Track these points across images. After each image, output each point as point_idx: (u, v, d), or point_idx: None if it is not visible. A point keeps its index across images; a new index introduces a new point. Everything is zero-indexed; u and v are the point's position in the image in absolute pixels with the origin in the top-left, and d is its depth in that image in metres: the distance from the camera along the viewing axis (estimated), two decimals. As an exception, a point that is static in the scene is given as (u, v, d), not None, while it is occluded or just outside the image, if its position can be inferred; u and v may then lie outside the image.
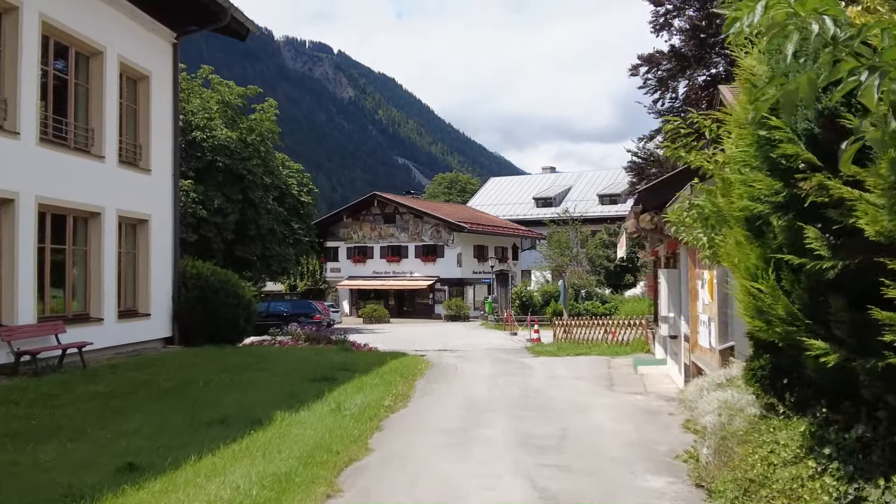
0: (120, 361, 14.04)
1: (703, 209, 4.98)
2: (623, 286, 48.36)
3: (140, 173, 16.14)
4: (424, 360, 17.14)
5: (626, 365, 16.00)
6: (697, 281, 10.68)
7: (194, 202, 28.21)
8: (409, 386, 12.57)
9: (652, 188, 11.30)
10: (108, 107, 14.82)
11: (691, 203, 5.24)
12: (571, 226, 48.23)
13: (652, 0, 39.09)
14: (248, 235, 31.39)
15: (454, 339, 28.18)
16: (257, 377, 12.47)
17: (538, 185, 67.34)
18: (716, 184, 4.85)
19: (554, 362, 17.06)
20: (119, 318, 15.23)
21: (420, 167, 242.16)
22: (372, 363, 15.09)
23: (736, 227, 3.81)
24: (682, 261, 11.84)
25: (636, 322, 19.90)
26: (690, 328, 11.02)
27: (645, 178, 42.04)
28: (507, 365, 16.65)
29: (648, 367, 14.57)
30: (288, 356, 15.74)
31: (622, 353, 18.55)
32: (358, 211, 51.38)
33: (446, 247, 48.14)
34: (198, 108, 29.45)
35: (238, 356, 15.37)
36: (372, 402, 10.28)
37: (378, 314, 45.39)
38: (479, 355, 19.70)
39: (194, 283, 17.28)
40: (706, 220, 4.84)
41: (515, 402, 10.88)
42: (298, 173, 37.61)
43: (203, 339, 17.21)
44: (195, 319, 17.10)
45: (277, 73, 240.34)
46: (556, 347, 20.58)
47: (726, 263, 4.13)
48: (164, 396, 10.74)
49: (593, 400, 11.09)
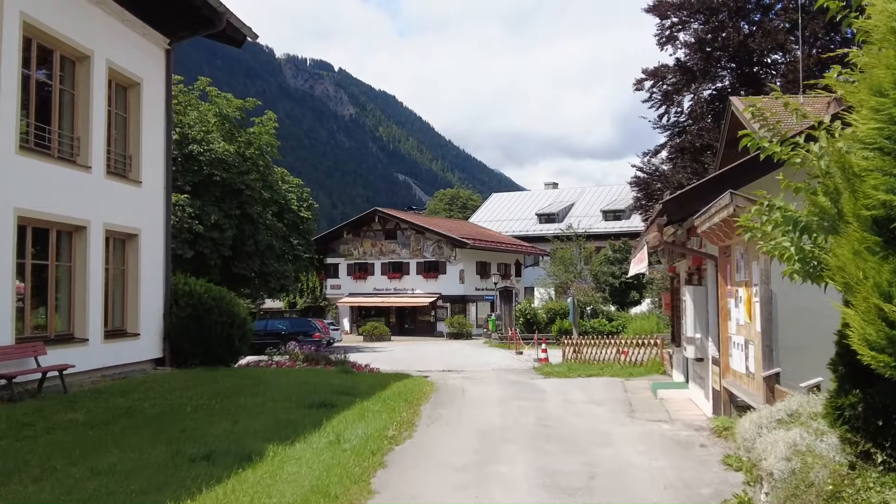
0: (105, 385, 13.12)
1: (792, 213, 4.09)
2: (628, 303, 47.48)
3: (129, 185, 15.31)
4: (429, 383, 16.23)
5: (643, 388, 15.07)
6: (729, 299, 9.79)
7: (190, 217, 27.38)
8: (413, 412, 11.65)
9: (678, 198, 10.44)
10: (95, 114, 14.01)
11: (770, 205, 4.35)
12: (575, 242, 47.40)
13: (657, 13, 38.60)
14: (245, 251, 30.51)
15: (458, 358, 27.24)
16: (250, 403, 11.56)
17: (541, 201, 66.56)
18: (817, 179, 3.96)
19: (566, 385, 16.13)
20: (105, 338, 14.32)
21: (420, 184, 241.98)
22: (374, 386, 14.17)
23: (856, 231, 2.96)
24: (709, 277, 10.96)
25: (650, 341, 18.98)
26: (721, 351, 10.12)
27: (650, 194, 41.37)
28: (517, 387, 15.72)
29: (668, 390, 13.65)
30: (284, 379, 14.82)
31: (636, 374, 17.62)
32: (358, 227, 50.56)
33: (448, 263, 47.26)
34: (195, 120, 28.68)
35: (231, 379, 14.45)
36: (374, 433, 9.36)
37: (379, 332, 44.42)
38: (486, 376, 18.77)
39: (186, 301, 16.39)
40: (795, 225, 3.95)
41: (532, 432, 9.95)
42: (298, 188, 36.79)
43: (196, 361, 16.31)
44: (187, 339, 16.19)
45: (278, 90, 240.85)
46: (566, 368, 19.65)
47: (837, 280, 3.26)
48: (147, 426, 9.82)
49: (617, 429, 10.17)
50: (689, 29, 38.67)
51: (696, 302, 10.98)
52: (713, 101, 39.12)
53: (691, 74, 38.61)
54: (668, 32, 39.51)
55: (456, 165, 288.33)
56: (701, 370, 11.68)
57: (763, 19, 37.21)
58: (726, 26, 36.12)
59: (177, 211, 27.00)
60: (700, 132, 37.55)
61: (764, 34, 35.15)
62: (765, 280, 7.64)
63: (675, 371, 15.80)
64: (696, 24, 38.36)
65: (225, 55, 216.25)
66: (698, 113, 39.11)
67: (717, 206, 8.40)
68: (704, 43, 37.34)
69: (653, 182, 40.69)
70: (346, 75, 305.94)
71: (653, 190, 40.82)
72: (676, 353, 15.29)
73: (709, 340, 10.95)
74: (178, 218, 26.93)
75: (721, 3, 36.43)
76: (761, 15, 38.09)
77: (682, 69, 38.77)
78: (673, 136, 40.33)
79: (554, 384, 16.30)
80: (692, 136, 38.26)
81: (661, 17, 39.10)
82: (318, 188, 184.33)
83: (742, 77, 37.75)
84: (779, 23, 35.63)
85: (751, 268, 8.44)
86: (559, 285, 48.17)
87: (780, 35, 34.94)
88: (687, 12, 38.27)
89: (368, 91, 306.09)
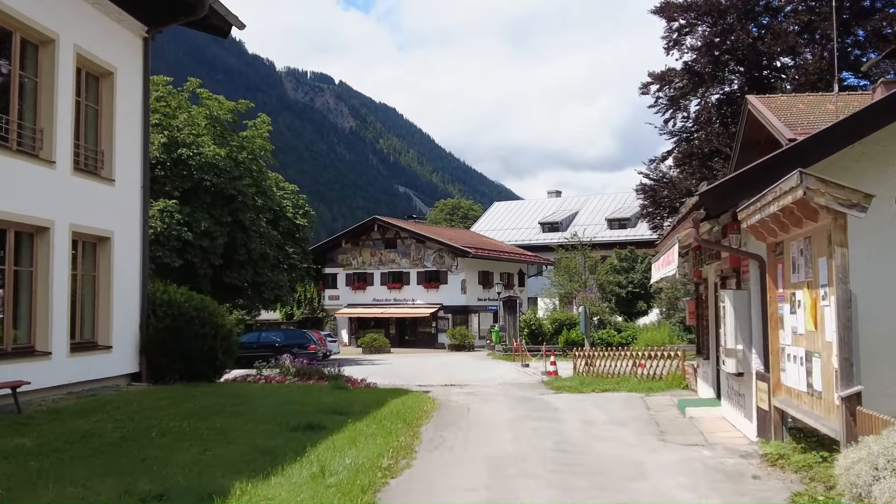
0: (67, 404, 11.69)
1: None
2: (635, 314, 46.03)
3: (101, 183, 13.93)
4: (430, 399, 14.80)
5: (667, 405, 13.64)
6: (782, 305, 8.39)
7: (179, 224, 26.05)
8: (413, 435, 10.23)
9: (719, 188, 9.05)
10: (61, 104, 12.66)
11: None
12: (580, 251, 46.01)
13: (665, 15, 37.43)
14: (237, 260, 29.13)
15: (461, 371, 25.79)
16: (228, 425, 10.13)
17: (544, 210, 65.20)
18: None
19: (581, 401, 14.68)
20: (72, 351, 12.90)
21: (421, 195, 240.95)
22: (369, 404, 12.73)
23: None
24: (751, 280, 9.56)
25: (669, 353, 17.54)
26: (771, 364, 8.71)
27: (658, 201, 40.08)
28: (528, 405, 14.29)
29: (698, 408, 12.22)
30: (270, 396, 13.40)
31: (656, 389, 16.18)
32: (357, 236, 49.16)
33: (450, 273, 45.84)
34: (184, 123, 27.40)
35: (212, 396, 13.02)
36: (366, 462, 7.94)
37: (378, 344, 42.88)
38: (493, 392, 17.35)
39: (165, 310, 14.97)
40: None
41: (552, 461, 8.52)
42: (293, 195, 35.46)
43: (175, 376, 14.88)
44: (166, 353, 14.76)
45: (279, 103, 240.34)
46: (578, 382, 18.19)
47: None
48: (102, 453, 8.39)
49: (649, 456, 8.73)
50: (695, 32, 37.69)
51: (738, 308, 9.57)
52: (721, 107, 38.00)
53: (699, 78, 37.50)
54: (675, 35, 38.40)
55: (456, 177, 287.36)
56: (740, 386, 10.25)
57: (772, 22, 36.05)
58: (735, 29, 34.95)
59: (164, 217, 25.70)
60: (709, 137, 36.41)
61: (774, 36, 34.03)
62: (842, 279, 6.24)
63: (702, 386, 14.37)
64: (704, 26, 37.30)
65: (226, 69, 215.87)
66: (706, 118, 38.00)
67: (777, 192, 7.02)
68: (713, 46, 36.19)
69: (660, 189, 39.54)
70: (346, 88, 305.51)
71: (660, 197, 39.66)
72: (704, 365, 13.87)
73: (752, 352, 9.54)
74: (165, 225, 25.62)
75: (729, 4, 35.26)
76: (770, 17, 36.91)
77: (689, 72, 37.63)
78: (680, 142, 39.22)
79: (567, 401, 14.86)
80: (700, 141, 37.15)
81: (668, 20, 37.99)
82: (318, 200, 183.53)
83: (751, 81, 36.59)
84: (788, 25, 34.45)
85: (817, 265, 7.05)
86: (564, 295, 46.76)
87: (791, 37, 33.76)
88: (694, 14, 37.11)
89: (369, 103, 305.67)
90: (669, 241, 11.73)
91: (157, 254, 25.70)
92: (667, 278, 12.04)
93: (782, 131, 16.63)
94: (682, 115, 39.17)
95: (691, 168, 37.53)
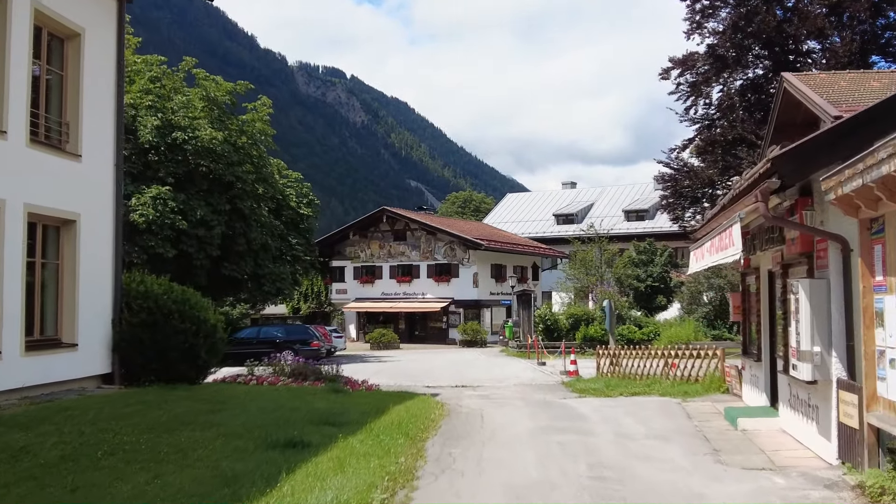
0: (15, 412, 10.04)
1: None
2: (655, 308, 44.12)
3: (65, 159, 12.28)
4: (438, 404, 13.09)
5: (711, 413, 11.85)
6: (884, 297, 6.60)
7: (173, 212, 24.41)
8: (416, 453, 8.51)
9: (801, 150, 7.24)
10: (14, 67, 11.00)
11: None
12: (597, 243, 44.15)
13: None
14: (236, 251, 27.48)
15: (473, 370, 24.05)
16: (194, 440, 8.44)
17: (558, 202, 63.23)
18: None
19: (610, 407, 12.91)
20: (27, 350, 11.27)
21: (432, 190, 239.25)
22: (366, 412, 11.04)
23: None
24: (832, 266, 7.75)
25: (706, 351, 15.69)
26: (865, 371, 6.92)
27: (679, 191, 38.22)
28: (550, 411, 12.53)
29: (752, 420, 10.41)
30: (256, 401, 11.72)
31: (692, 393, 14.36)
32: (366, 228, 47.44)
33: (461, 266, 44.07)
34: (179, 105, 25.75)
35: (187, 402, 11.36)
36: (354, 496, 6.23)
37: (386, 340, 41.15)
38: (508, 395, 15.62)
39: (141, 304, 13.31)
40: None
41: (590, 491, 6.76)
42: (297, 183, 33.74)
43: (151, 377, 13.23)
44: (141, 351, 13.12)
45: (291, 97, 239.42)
46: (602, 384, 16.41)
47: None
48: (27, 479, 6.73)
49: (712, 487, 6.96)
50: (718, 16, 35.93)
51: (815, 302, 7.77)
52: (745, 93, 36.22)
53: (722, 62, 35.73)
54: (698, 17, 36.63)
55: (468, 171, 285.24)
56: (812, 396, 8.46)
57: (797, 4, 34.13)
58: (760, 10, 33.07)
59: (157, 205, 24.10)
60: (732, 124, 34.64)
61: (801, 18, 32.13)
62: None
63: (749, 391, 12.56)
64: (725, 10, 35.50)
65: (237, 63, 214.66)
66: (728, 105, 36.24)
67: (890, 149, 5.22)
68: (737, 29, 34.31)
69: (681, 179, 37.78)
70: (358, 82, 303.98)
71: (681, 187, 37.94)
72: (753, 368, 12.05)
73: (832, 356, 7.75)
74: (158, 213, 24.01)
75: (754, -17, 33.43)
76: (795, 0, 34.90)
77: (713, 56, 35.82)
78: (702, 130, 37.49)
79: (594, 406, 13.09)
80: (723, 128, 35.42)
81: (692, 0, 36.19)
82: (330, 194, 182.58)
83: (777, 66, 34.71)
84: (816, 7, 32.52)
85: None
86: (580, 289, 44.96)
87: (819, 19, 31.82)
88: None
89: (380, 98, 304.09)
90: (722, 222, 9.92)
91: (150, 243, 24.13)
92: (722, 265, 10.16)
93: (826, 108, 14.84)
94: (704, 102, 37.45)
95: (714, 157, 35.88)
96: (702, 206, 38.53)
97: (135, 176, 24.84)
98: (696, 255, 12.13)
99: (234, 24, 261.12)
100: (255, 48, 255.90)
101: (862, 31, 32.52)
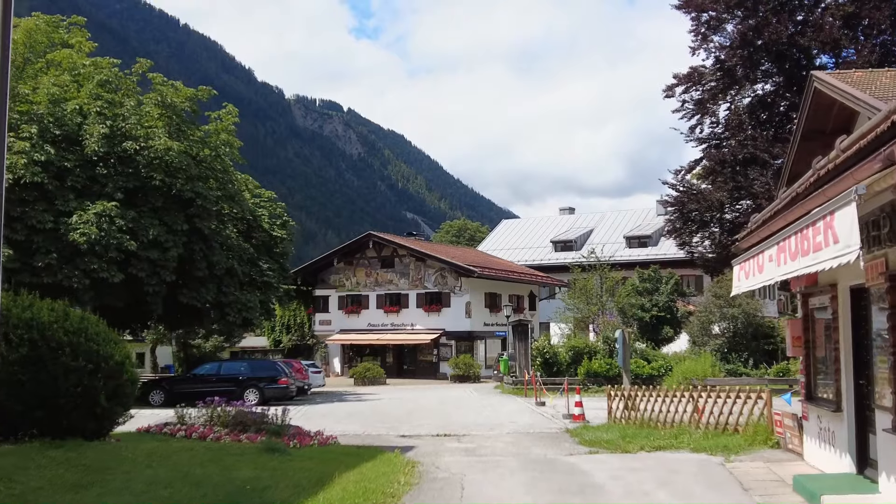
0: None
1: None
2: (661, 340, 41.02)
3: (-89, 143, 9.32)
4: (407, 465, 9.99)
5: (769, 481, 8.75)
6: None
7: (120, 231, 21.44)
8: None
9: None
10: None
11: None
12: (598, 270, 41.22)
13: (693, 6, 33.31)
14: (196, 277, 24.41)
15: (462, 411, 20.87)
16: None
17: (556, 228, 60.34)
18: None
19: (632, 471, 9.77)
20: None
21: (429, 221, 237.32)
22: (301, 485, 7.93)
23: None
24: None
25: (750, 394, 12.54)
26: None
27: (686, 214, 35.64)
28: (553, 480, 9.38)
29: (841, 498, 7.32)
30: (152, 468, 8.61)
31: (734, 447, 11.22)
32: (351, 254, 44.36)
33: (453, 294, 40.96)
34: (130, 111, 22.90)
35: (59, 468, 8.26)
36: None
37: (372, 374, 37.72)
38: (500, 449, 12.47)
39: (22, 334, 10.24)
40: None
41: None
42: (270, 202, 30.76)
43: (32, 431, 10.12)
44: (20, 397, 10.01)
45: (288, 130, 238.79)
46: (617, 433, 13.25)
47: None
48: None
49: None
50: (724, 30, 33.79)
51: None
52: (753, 111, 33.82)
53: (730, 78, 33.44)
54: (704, 30, 34.43)
55: (464, 203, 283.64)
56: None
57: (808, 16, 31.87)
58: (770, 21, 30.76)
59: (102, 223, 21.11)
60: (742, 143, 32.13)
61: (816, 30, 29.79)
62: None
63: (817, 448, 9.46)
64: (732, 24, 33.37)
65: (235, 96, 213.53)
66: (737, 123, 33.87)
67: None
68: (745, 42, 31.97)
69: (688, 202, 35.25)
70: (355, 115, 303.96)
71: (688, 211, 35.42)
72: (827, 419, 8.95)
73: None
74: (102, 232, 21.02)
75: (764, -6, 31.22)
76: (805, 14, 32.58)
77: (721, 69, 33.49)
78: (709, 150, 35.10)
79: (612, 469, 9.94)
80: (732, 147, 32.94)
81: (697, 10, 33.94)
82: (326, 226, 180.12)
83: (788, 81, 32.39)
84: (830, 19, 30.23)
85: None
86: (580, 320, 41.89)
87: (835, 30, 29.48)
88: (724, 5, 32.93)
89: (377, 130, 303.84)
90: (800, 214, 6.92)
91: (93, 266, 21.11)
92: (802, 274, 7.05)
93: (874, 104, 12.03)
94: (711, 121, 35.16)
95: (723, 177, 33.40)
96: (710, 230, 35.91)
97: (79, 191, 21.95)
98: (745, 270, 9.12)
99: (231, 57, 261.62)
100: (252, 81, 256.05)
101: (882, 42, 30.23)
